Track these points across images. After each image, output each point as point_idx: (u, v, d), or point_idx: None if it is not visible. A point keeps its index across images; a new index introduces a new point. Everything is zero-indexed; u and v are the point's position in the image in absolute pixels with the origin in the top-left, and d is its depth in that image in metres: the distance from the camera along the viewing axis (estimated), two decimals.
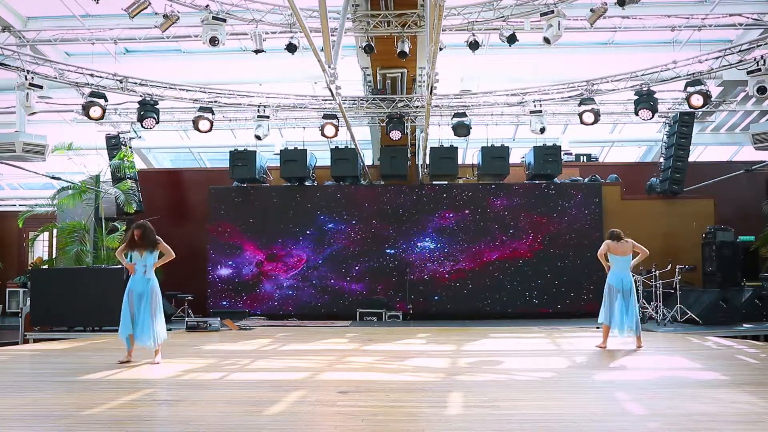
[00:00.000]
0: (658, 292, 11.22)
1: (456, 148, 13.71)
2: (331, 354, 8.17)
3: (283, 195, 14.16)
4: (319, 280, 13.86)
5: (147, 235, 7.11)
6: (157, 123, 12.85)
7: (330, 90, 9.11)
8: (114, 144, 14.45)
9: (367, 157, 15.40)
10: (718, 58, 11.31)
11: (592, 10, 9.77)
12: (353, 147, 13.25)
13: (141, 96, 12.63)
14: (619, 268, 8.33)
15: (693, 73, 11.64)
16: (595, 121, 12.62)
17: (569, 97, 12.98)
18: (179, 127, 15.23)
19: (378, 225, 13.90)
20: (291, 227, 13.97)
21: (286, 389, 5.52)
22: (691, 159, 14.39)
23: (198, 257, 13.90)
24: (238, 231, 13.99)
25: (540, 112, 12.79)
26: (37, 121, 13.71)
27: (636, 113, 12.47)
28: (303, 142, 14.29)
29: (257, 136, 13.34)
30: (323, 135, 13.11)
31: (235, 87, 13.35)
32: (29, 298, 11.94)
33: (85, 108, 12.13)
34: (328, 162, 14.09)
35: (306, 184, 14.22)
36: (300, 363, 7.35)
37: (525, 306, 13.47)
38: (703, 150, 16.79)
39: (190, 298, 13.08)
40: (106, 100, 12.28)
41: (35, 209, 14.59)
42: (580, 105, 12.64)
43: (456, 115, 13.00)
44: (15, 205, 18.65)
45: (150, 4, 9.67)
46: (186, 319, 11.56)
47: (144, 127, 13.04)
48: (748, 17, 10.81)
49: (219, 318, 11.52)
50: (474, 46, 10.58)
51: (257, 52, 10.57)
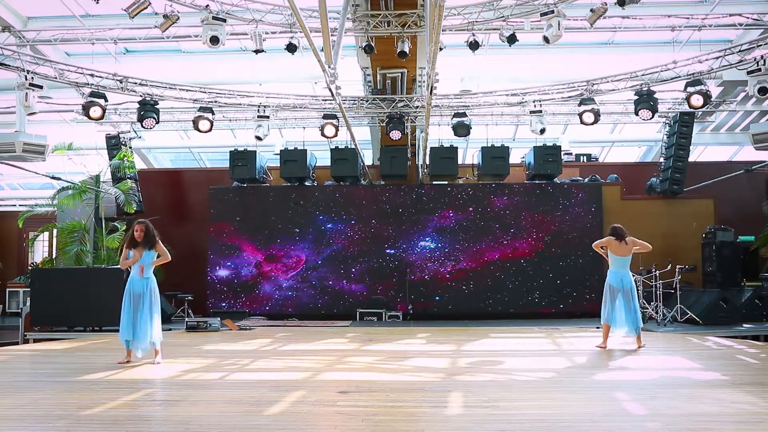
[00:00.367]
0: (658, 292, 11.22)
1: (456, 148, 13.70)
2: (331, 354, 8.17)
3: (283, 195, 14.12)
4: (319, 280, 13.82)
5: (148, 233, 7.13)
6: (157, 123, 12.86)
7: (330, 90, 9.11)
8: (114, 144, 14.46)
9: (367, 157, 15.39)
10: (718, 58, 11.32)
11: (592, 10, 9.78)
12: (353, 147, 13.24)
13: (141, 96, 12.63)
14: (619, 267, 8.30)
15: (693, 73, 11.64)
16: (595, 121, 12.62)
17: (569, 97, 12.98)
18: (179, 127, 15.24)
19: (378, 225, 13.88)
20: (290, 227, 13.94)
21: (286, 389, 5.52)
22: (691, 159, 14.39)
23: (198, 257, 13.90)
24: (237, 231, 13.97)
25: (540, 112, 12.79)
26: (37, 121, 13.70)
27: (636, 113, 12.47)
28: (303, 142, 14.29)
29: (258, 136, 13.34)
30: (323, 135, 13.11)
31: (235, 87, 13.35)
32: (29, 298, 11.94)
33: (85, 108, 12.13)
34: (328, 162, 14.09)
35: (306, 184, 14.21)
36: (300, 363, 7.35)
37: (527, 306, 13.44)
38: (703, 150, 16.80)
39: (190, 298, 13.09)
40: (106, 100, 12.28)
41: (35, 209, 14.57)
42: (580, 105, 12.64)
43: (456, 115, 13.00)
44: (15, 205, 18.66)
45: (150, 4, 9.68)
46: (186, 319, 11.56)
47: (144, 127, 13.04)
48: (748, 17, 10.81)
49: (219, 318, 11.52)
50: (474, 46, 10.58)
51: (257, 52, 10.57)
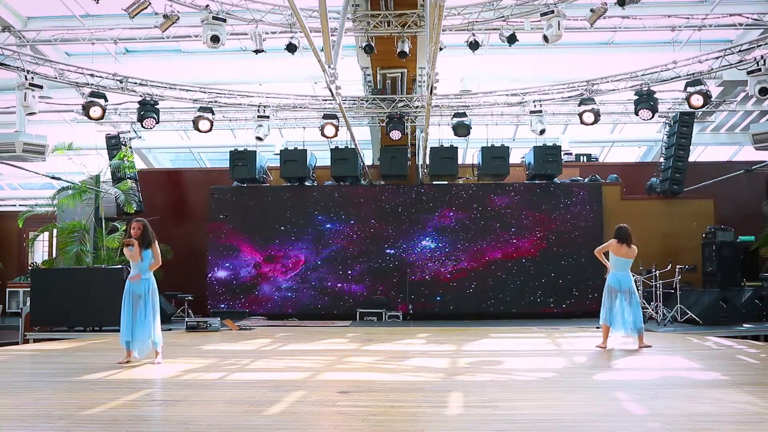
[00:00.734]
0: (658, 292, 11.22)
1: (456, 148, 13.70)
2: (331, 354, 8.16)
3: (282, 195, 14.09)
4: (319, 281, 13.78)
5: (146, 231, 7.11)
6: (157, 123, 12.86)
7: (330, 90, 9.11)
8: (114, 144, 14.45)
9: (367, 157, 15.39)
10: (718, 58, 11.32)
11: (592, 10, 9.78)
12: (353, 147, 13.24)
13: (141, 96, 12.63)
14: (619, 269, 8.26)
15: (693, 73, 11.65)
16: (595, 121, 12.62)
17: (569, 97, 12.98)
18: (179, 127, 15.24)
19: (378, 225, 13.86)
20: (290, 228, 13.90)
21: (286, 389, 5.52)
22: (691, 159, 14.39)
23: (198, 257, 13.91)
24: (237, 232, 13.94)
25: (540, 112, 12.79)
26: (37, 121, 13.70)
27: (636, 113, 12.47)
28: (303, 142, 14.29)
29: (258, 137, 13.33)
30: (323, 135, 13.11)
31: (235, 87, 13.35)
32: (29, 298, 11.94)
33: (85, 108, 12.13)
34: (328, 162, 14.08)
35: (306, 184, 14.20)
36: (300, 363, 7.35)
37: (529, 306, 13.41)
38: (703, 150, 16.80)
39: (190, 298, 13.09)
40: (106, 100, 12.29)
41: (35, 209, 14.57)
42: (580, 105, 12.64)
43: (456, 115, 13.00)
44: (15, 205, 18.67)
45: (150, 4, 9.68)
46: (186, 319, 11.56)
47: (144, 127, 13.04)
48: (748, 17, 10.81)
49: (219, 318, 11.53)
50: (474, 46, 10.58)
51: (257, 52, 10.57)
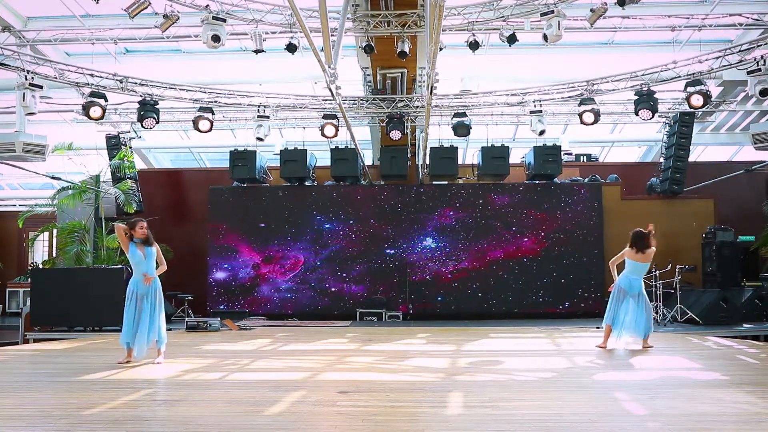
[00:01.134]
0: (658, 292, 11.22)
1: (456, 148, 13.69)
2: (331, 354, 8.16)
3: (281, 196, 14.08)
4: (318, 282, 13.75)
5: (149, 231, 7.11)
6: (157, 123, 12.85)
7: (330, 90, 9.11)
8: (114, 144, 14.45)
9: (367, 157, 15.39)
10: (718, 58, 11.32)
11: (592, 10, 9.78)
12: (353, 147, 13.24)
13: (141, 96, 12.63)
14: (632, 272, 8.07)
15: (693, 73, 11.64)
16: (595, 121, 12.62)
17: (569, 97, 12.98)
18: (179, 127, 15.24)
19: (377, 225, 13.84)
20: (289, 228, 13.88)
21: (286, 389, 5.52)
22: (691, 159, 14.40)
23: (198, 257, 13.90)
24: (236, 232, 13.93)
25: (540, 112, 12.78)
26: (37, 121, 13.70)
27: (636, 113, 12.46)
28: (303, 142, 14.28)
29: (259, 137, 13.33)
30: (323, 135, 13.11)
31: (235, 87, 13.35)
32: (29, 298, 11.94)
33: (85, 108, 12.13)
34: (328, 162, 14.07)
35: (306, 184, 14.19)
36: (300, 363, 7.34)
37: (530, 306, 13.38)
38: (703, 150, 16.80)
39: (190, 298, 13.09)
40: (106, 100, 12.28)
41: (35, 209, 14.58)
42: (580, 105, 12.64)
43: (456, 115, 12.99)
44: (15, 205, 18.68)
45: (150, 4, 9.68)
46: (186, 319, 11.56)
47: (144, 127, 13.04)
48: (748, 17, 10.81)
49: (219, 318, 11.53)
50: (474, 46, 10.58)
51: (257, 52, 10.57)
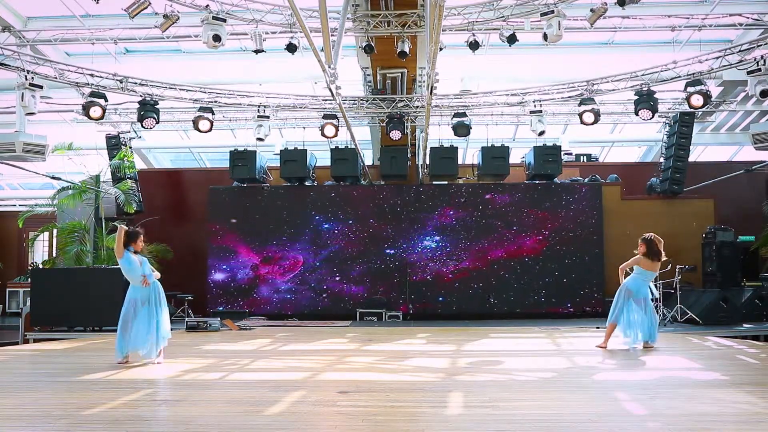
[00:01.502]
0: (658, 292, 11.21)
1: (456, 148, 13.68)
2: (331, 354, 8.16)
3: (280, 196, 14.05)
4: (318, 282, 13.73)
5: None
6: (157, 123, 12.85)
7: (330, 90, 9.11)
8: (114, 144, 14.45)
9: (367, 157, 15.39)
10: (718, 58, 11.32)
11: (592, 10, 9.78)
12: (353, 147, 13.24)
13: (141, 96, 12.63)
14: (642, 276, 8.13)
15: (693, 73, 11.64)
16: (595, 121, 12.62)
17: (569, 97, 12.98)
18: (179, 127, 15.25)
19: (377, 225, 13.82)
20: (288, 228, 13.85)
21: (286, 389, 5.52)
22: (691, 159, 14.39)
23: (198, 257, 13.90)
24: (237, 232, 13.91)
25: (540, 112, 12.78)
26: (37, 121, 13.71)
27: (636, 113, 12.46)
28: (303, 142, 14.28)
29: (259, 138, 13.32)
30: (323, 135, 13.11)
31: (235, 87, 13.35)
32: (29, 298, 11.94)
33: (85, 108, 12.13)
34: (328, 162, 14.07)
35: (306, 184, 14.19)
36: (300, 363, 7.35)
37: (532, 306, 13.36)
38: (703, 150, 16.80)
39: (190, 298, 13.09)
40: (106, 100, 12.28)
41: (35, 209, 14.58)
42: (580, 105, 12.64)
43: (456, 115, 12.99)
44: (15, 205, 18.68)
45: (150, 4, 9.68)
46: (186, 319, 11.56)
47: (144, 127, 13.04)
48: (748, 17, 10.82)
49: (219, 318, 11.53)
50: (474, 46, 10.58)
51: (257, 52, 10.57)
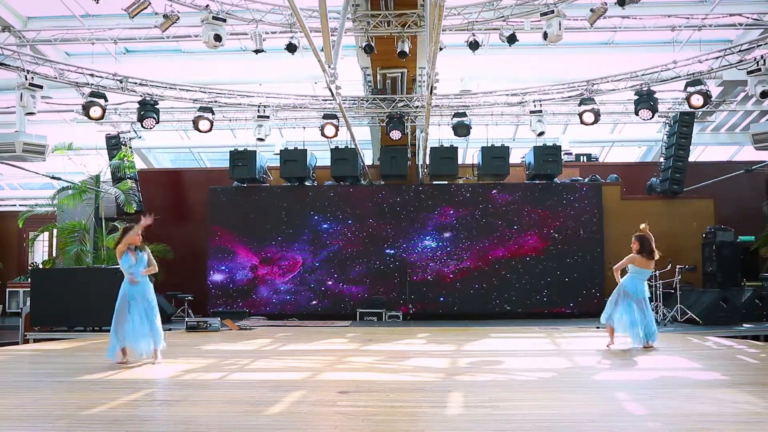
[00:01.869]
0: (658, 292, 11.22)
1: (456, 148, 13.68)
2: (331, 354, 8.17)
3: (279, 196, 14.05)
4: (317, 283, 13.71)
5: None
6: (157, 123, 12.86)
7: (330, 90, 9.11)
8: (114, 144, 14.45)
9: (367, 157, 15.38)
10: (718, 58, 11.32)
11: (592, 10, 9.78)
12: (353, 147, 13.24)
13: (141, 96, 12.63)
14: (637, 274, 8.12)
15: (693, 73, 11.65)
16: (595, 121, 12.62)
17: (569, 97, 12.98)
18: (179, 127, 15.24)
19: (376, 225, 13.81)
20: (287, 229, 13.84)
21: (286, 389, 5.52)
22: (691, 159, 14.39)
23: (198, 257, 13.90)
24: (235, 232, 13.89)
25: (540, 112, 12.78)
26: (37, 121, 13.70)
27: (636, 113, 12.47)
28: (303, 142, 14.28)
29: (259, 138, 13.32)
30: (323, 135, 13.11)
31: (235, 87, 13.35)
32: (29, 298, 11.94)
33: (85, 108, 12.14)
34: (328, 162, 14.07)
35: (306, 184, 14.18)
36: (300, 363, 7.35)
37: (533, 306, 13.35)
38: (703, 150, 16.80)
39: (190, 298, 13.09)
40: (106, 100, 12.29)
41: (35, 209, 14.59)
42: (580, 105, 12.64)
43: (456, 115, 12.99)
44: (15, 205, 18.68)
45: (150, 4, 9.69)
46: (186, 319, 11.56)
47: (144, 127, 13.04)
48: (748, 17, 10.82)
49: (219, 318, 11.53)
50: (474, 46, 10.58)
51: (257, 52, 10.58)
